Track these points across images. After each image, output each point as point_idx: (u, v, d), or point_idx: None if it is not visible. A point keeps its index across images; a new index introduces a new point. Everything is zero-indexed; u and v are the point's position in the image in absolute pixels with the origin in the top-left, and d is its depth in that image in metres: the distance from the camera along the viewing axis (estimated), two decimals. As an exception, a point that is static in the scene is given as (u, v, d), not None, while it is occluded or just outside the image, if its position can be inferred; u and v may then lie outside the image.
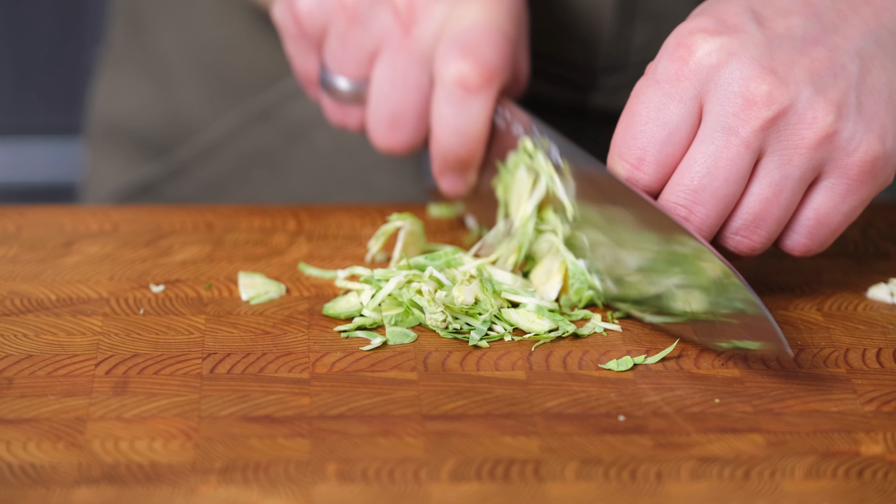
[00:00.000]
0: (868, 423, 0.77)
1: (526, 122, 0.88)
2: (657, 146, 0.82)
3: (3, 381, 0.80)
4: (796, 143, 0.81)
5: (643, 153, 0.82)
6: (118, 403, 0.78)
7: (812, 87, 0.81)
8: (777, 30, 0.82)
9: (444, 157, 0.91)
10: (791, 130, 0.81)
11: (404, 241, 0.91)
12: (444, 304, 0.84)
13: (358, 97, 0.93)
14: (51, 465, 0.73)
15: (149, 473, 0.72)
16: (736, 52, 0.81)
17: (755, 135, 0.81)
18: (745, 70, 0.81)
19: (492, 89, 0.89)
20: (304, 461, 0.73)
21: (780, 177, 0.82)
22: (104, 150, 1.27)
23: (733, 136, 0.81)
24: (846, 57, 0.82)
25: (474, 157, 0.91)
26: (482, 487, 0.72)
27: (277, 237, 0.95)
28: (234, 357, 0.82)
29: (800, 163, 0.81)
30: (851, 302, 0.89)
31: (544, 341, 0.84)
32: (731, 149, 0.81)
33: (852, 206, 0.84)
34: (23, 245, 0.94)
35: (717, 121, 0.81)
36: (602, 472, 0.73)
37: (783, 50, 0.82)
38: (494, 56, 0.89)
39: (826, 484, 0.73)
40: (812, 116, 0.81)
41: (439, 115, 0.90)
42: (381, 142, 0.93)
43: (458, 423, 0.76)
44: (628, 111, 0.83)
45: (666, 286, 0.82)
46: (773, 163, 0.82)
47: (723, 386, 0.80)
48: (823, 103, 0.81)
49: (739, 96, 0.81)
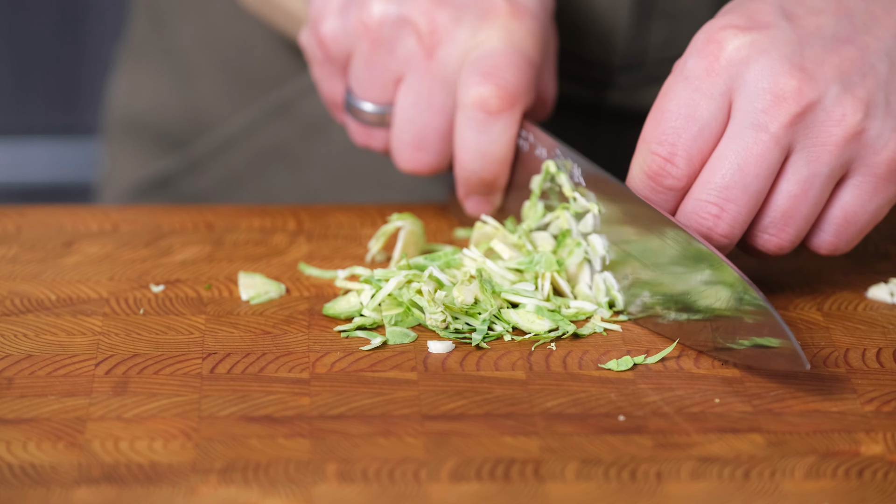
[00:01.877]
0: (868, 423, 0.77)
1: (550, 145, 0.89)
2: (688, 141, 0.82)
3: (3, 381, 0.80)
4: (825, 141, 0.82)
5: (674, 147, 0.82)
6: (118, 403, 0.78)
7: (841, 85, 0.82)
8: (808, 27, 0.82)
9: (468, 179, 0.92)
10: (819, 127, 0.82)
11: (404, 241, 0.91)
12: (444, 304, 0.84)
13: (383, 120, 0.94)
14: (51, 465, 0.73)
15: (149, 473, 0.72)
16: (766, 49, 0.82)
17: (784, 130, 0.81)
18: (775, 66, 0.81)
19: (514, 112, 0.89)
20: (304, 461, 0.73)
21: (808, 174, 0.82)
22: (122, 143, 1.27)
23: (763, 132, 0.81)
24: (875, 57, 0.82)
25: (498, 180, 0.92)
26: (482, 487, 0.72)
27: (277, 237, 0.95)
28: (234, 357, 0.82)
29: (828, 160, 0.82)
30: (851, 302, 0.89)
31: (544, 341, 0.84)
32: (760, 145, 0.81)
33: (879, 205, 0.84)
34: (23, 245, 0.94)
35: (746, 117, 0.81)
36: (602, 472, 0.73)
37: (813, 47, 0.82)
38: (515, 79, 0.89)
39: (826, 484, 0.72)
40: (840, 114, 0.81)
41: (462, 139, 0.90)
42: (405, 164, 0.93)
43: (458, 423, 0.76)
44: (658, 108, 0.83)
45: (690, 285, 0.82)
46: (801, 160, 0.82)
47: (723, 386, 0.80)
48: (852, 101, 0.81)
49: (769, 92, 0.81)
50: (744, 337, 0.79)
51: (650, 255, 0.83)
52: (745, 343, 0.79)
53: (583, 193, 0.87)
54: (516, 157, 0.91)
